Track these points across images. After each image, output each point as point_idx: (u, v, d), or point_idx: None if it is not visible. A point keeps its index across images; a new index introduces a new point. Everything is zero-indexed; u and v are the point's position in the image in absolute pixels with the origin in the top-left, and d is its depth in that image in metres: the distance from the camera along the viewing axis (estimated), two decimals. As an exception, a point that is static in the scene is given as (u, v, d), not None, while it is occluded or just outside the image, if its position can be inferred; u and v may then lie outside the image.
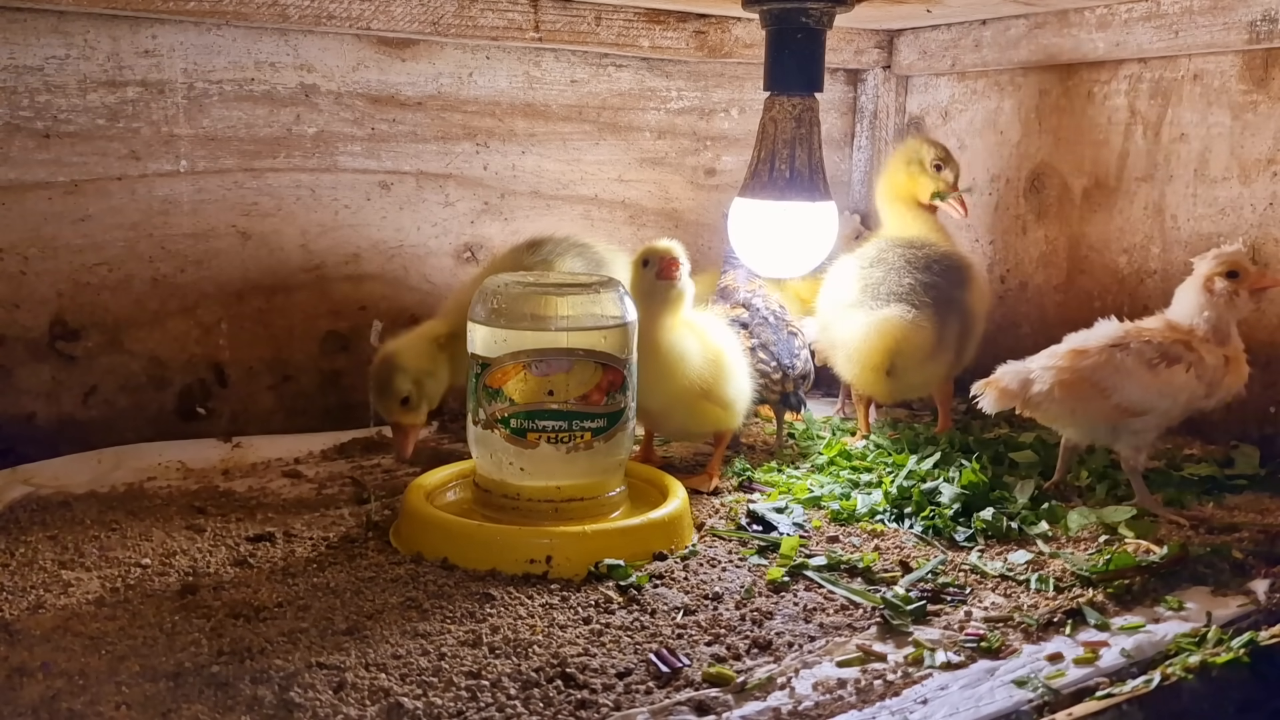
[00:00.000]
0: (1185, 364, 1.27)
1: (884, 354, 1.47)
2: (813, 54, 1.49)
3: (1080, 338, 1.33)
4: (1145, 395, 1.27)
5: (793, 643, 0.98)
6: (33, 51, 1.42)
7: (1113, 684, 0.93)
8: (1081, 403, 1.28)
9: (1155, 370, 1.27)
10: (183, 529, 1.22)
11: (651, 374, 1.30)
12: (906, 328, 1.47)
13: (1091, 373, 1.28)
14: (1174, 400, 1.27)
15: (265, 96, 1.56)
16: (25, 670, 0.89)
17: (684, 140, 1.91)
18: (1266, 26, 1.46)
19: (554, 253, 1.51)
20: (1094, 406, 1.28)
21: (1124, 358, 1.28)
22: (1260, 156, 1.53)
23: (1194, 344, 1.29)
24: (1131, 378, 1.27)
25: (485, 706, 0.86)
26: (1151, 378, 1.27)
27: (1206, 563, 1.15)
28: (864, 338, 1.48)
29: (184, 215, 1.54)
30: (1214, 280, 1.30)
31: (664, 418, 1.41)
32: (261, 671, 0.89)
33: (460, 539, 1.14)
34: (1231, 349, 1.31)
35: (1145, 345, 1.28)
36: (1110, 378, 1.27)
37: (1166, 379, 1.27)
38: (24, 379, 1.47)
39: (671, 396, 1.35)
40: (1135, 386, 1.27)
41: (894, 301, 1.50)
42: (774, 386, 1.49)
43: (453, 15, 1.59)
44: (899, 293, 1.50)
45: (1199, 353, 1.28)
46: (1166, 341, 1.29)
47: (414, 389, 1.38)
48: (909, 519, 1.29)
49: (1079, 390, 1.28)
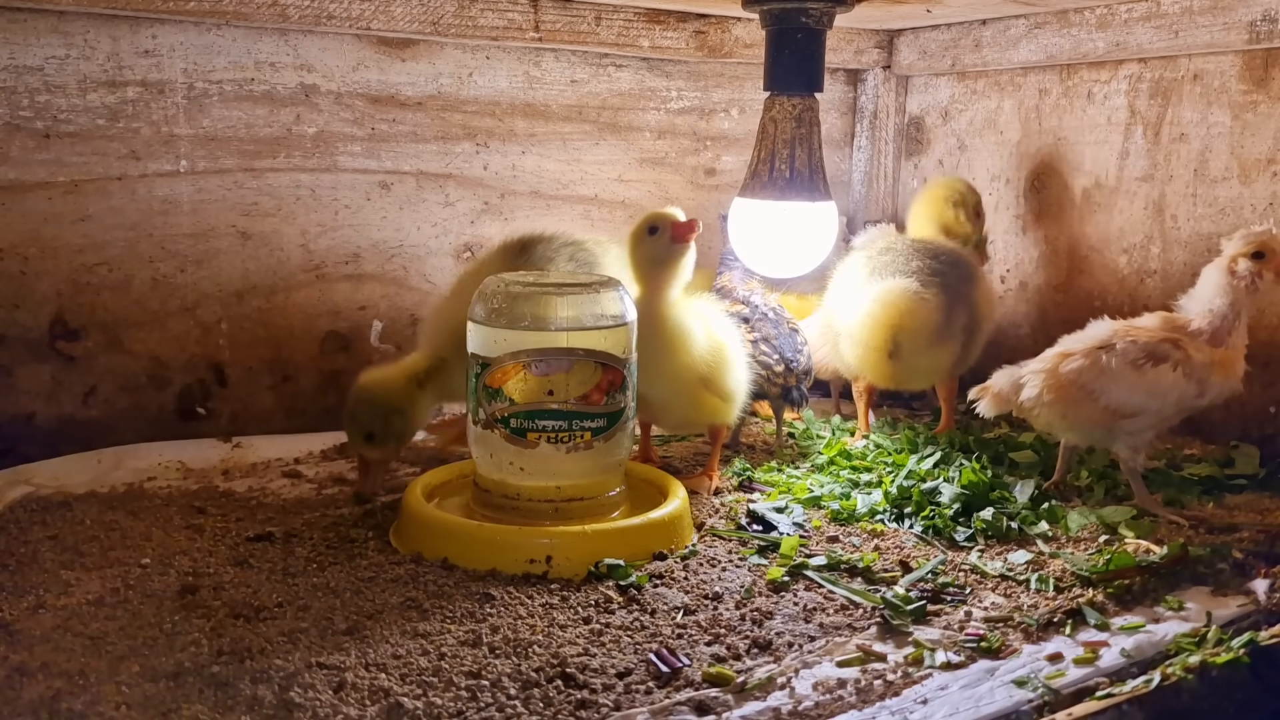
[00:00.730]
0: (1172, 363, 1.26)
1: (888, 328, 1.47)
2: (813, 54, 1.49)
3: (1071, 340, 1.33)
4: (1133, 396, 1.26)
5: (793, 643, 0.98)
6: (33, 51, 1.42)
7: (1113, 684, 0.93)
8: (1071, 406, 1.28)
9: (1141, 370, 1.26)
10: (183, 529, 1.22)
11: (654, 351, 1.29)
12: (912, 299, 1.48)
13: (1078, 375, 1.27)
14: (1164, 400, 1.27)
15: (265, 96, 1.56)
16: (25, 670, 0.89)
17: (684, 140, 1.91)
18: (1266, 26, 1.46)
19: (544, 256, 1.45)
20: (1084, 410, 1.28)
21: (1109, 359, 1.27)
22: (1260, 156, 1.53)
23: (1182, 343, 1.28)
24: (1118, 379, 1.26)
25: (485, 706, 0.86)
26: (1138, 378, 1.26)
27: (1206, 563, 1.15)
28: (868, 311, 1.49)
29: (184, 215, 1.54)
30: (1237, 261, 1.29)
31: (663, 408, 1.40)
32: (261, 671, 0.89)
33: (460, 539, 1.14)
34: (1232, 345, 1.29)
35: (1130, 345, 1.27)
36: (1096, 380, 1.27)
37: (1154, 379, 1.26)
38: (24, 379, 1.47)
39: (673, 378, 1.33)
40: (1122, 388, 1.26)
41: (900, 276, 1.51)
42: (776, 380, 1.49)
43: (453, 15, 1.59)
44: (906, 271, 1.52)
45: (1186, 351, 1.27)
46: (1153, 341, 1.28)
47: (380, 426, 1.31)
48: (909, 519, 1.29)
49: (1067, 394, 1.28)
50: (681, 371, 1.33)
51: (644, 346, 1.24)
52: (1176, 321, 1.31)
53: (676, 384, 1.34)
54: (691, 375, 1.33)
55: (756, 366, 1.45)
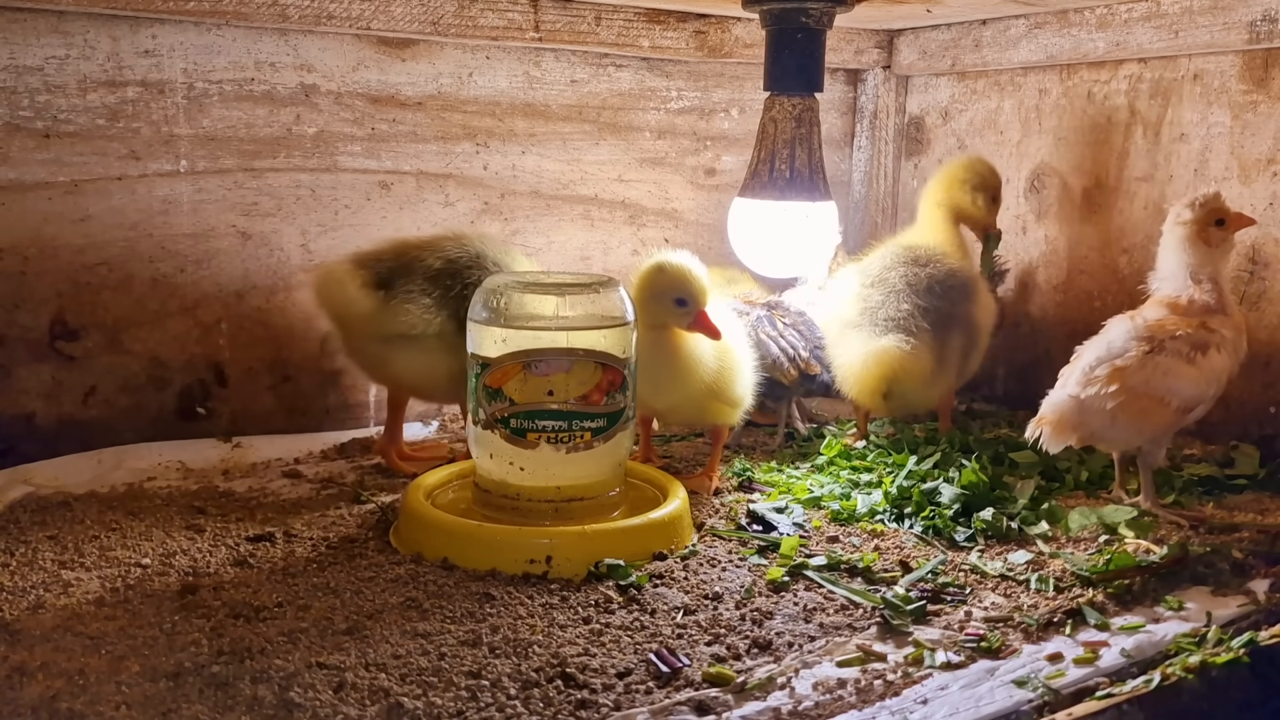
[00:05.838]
0: (1215, 346, 1.26)
1: (880, 381, 1.46)
2: (813, 54, 1.49)
3: (1100, 350, 1.27)
4: (1196, 389, 1.25)
5: (793, 643, 0.98)
6: (33, 51, 1.42)
7: (1113, 684, 0.93)
8: (1146, 419, 1.25)
9: (1195, 362, 1.25)
10: (183, 529, 1.22)
11: (667, 378, 1.30)
12: (904, 358, 1.44)
13: (1147, 386, 1.23)
14: (1219, 384, 1.27)
15: (265, 96, 1.56)
16: (25, 670, 0.89)
17: (684, 140, 1.91)
18: (1266, 26, 1.46)
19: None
20: (1158, 418, 1.25)
21: (1164, 359, 1.24)
22: (1260, 156, 1.53)
23: (1209, 323, 1.27)
24: (1182, 378, 1.24)
25: (485, 706, 0.86)
26: (1196, 371, 1.25)
27: (1206, 563, 1.15)
28: (861, 365, 1.47)
29: (184, 215, 1.54)
30: (1208, 231, 1.29)
31: (668, 413, 1.41)
32: (261, 671, 0.89)
33: (460, 539, 1.14)
34: (1233, 308, 1.30)
35: (1176, 340, 1.25)
36: (1163, 384, 1.24)
37: (1208, 367, 1.25)
38: (24, 379, 1.47)
39: (684, 398, 1.34)
40: (1187, 385, 1.24)
41: (892, 329, 1.47)
42: (800, 364, 1.51)
43: (453, 15, 1.59)
44: (897, 319, 1.47)
45: (1219, 331, 1.27)
46: (1191, 330, 1.26)
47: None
48: (909, 519, 1.29)
49: (1140, 407, 1.24)
50: (693, 394, 1.34)
51: (659, 372, 1.25)
52: (1178, 304, 1.30)
53: (686, 398, 1.35)
54: (702, 389, 1.34)
55: (786, 349, 1.48)
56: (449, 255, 1.40)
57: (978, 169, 1.63)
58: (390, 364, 1.40)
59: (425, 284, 1.37)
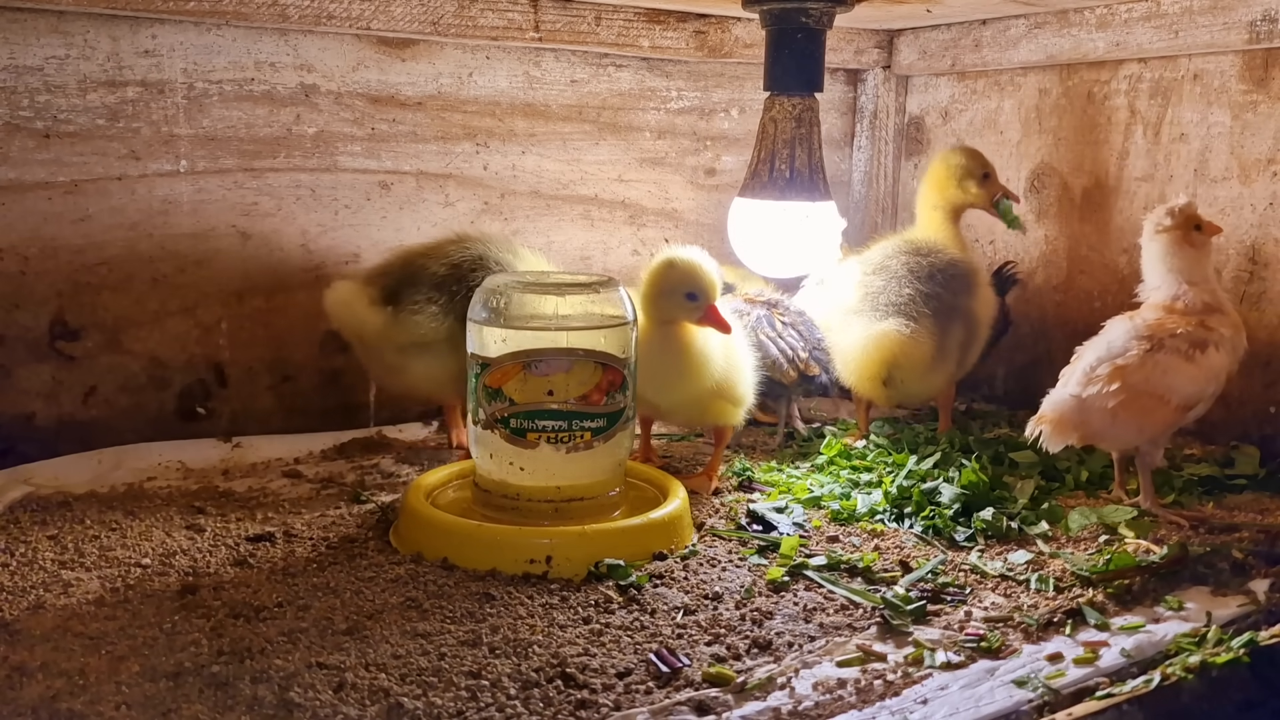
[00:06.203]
0: (1214, 344, 1.26)
1: (881, 365, 1.46)
2: (813, 54, 1.49)
3: (1100, 350, 1.28)
4: (1195, 387, 1.26)
5: (793, 643, 0.98)
6: (33, 51, 1.42)
7: (1113, 684, 0.93)
8: (1147, 417, 1.25)
9: (1195, 360, 1.25)
10: (183, 529, 1.22)
11: (676, 374, 1.30)
12: (904, 342, 1.44)
13: (1147, 384, 1.24)
14: (1218, 382, 1.27)
15: (265, 96, 1.56)
16: (25, 670, 0.89)
17: (684, 140, 1.91)
18: (1266, 26, 1.46)
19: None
20: (1158, 416, 1.25)
21: (1164, 357, 1.25)
22: (1260, 156, 1.53)
23: (1209, 322, 1.28)
24: (1181, 375, 1.25)
25: (485, 706, 0.86)
26: (1195, 369, 1.25)
27: (1206, 563, 1.15)
28: (862, 349, 1.47)
29: (184, 215, 1.54)
30: (1190, 235, 1.30)
31: (673, 412, 1.41)
32: (261, 671, 0.89)
33: (460, 539, 1.14)
34: (1227, 307, 1.31)
35: (1175, 339, 1.26)
36: (1163, 382, 1.24)
37: (1207, 365, 1.26)
38: (24, 379, 1.47)
39: (692, 395, 1.34)
40: (1186, 383, 1.25)
41: (892, 314, 1.47)
42: (799, 365, 1.50)
43: (453, 15, 1.59)
44: (898, 304, 1.48)
45: (1218, 330, 1.28)
46: (1190, 328, 1.27)
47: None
48: (909, 519, 1.29)
49: (1141, 405, 1.24)
50: (699, 393, 1.33)
51: (664, 363, 1.24)
52: (1175, 306, 1.31)
53: (693, 395, 1.34)
54: (709, 386, 1.34)
55: (786, 350, 1.47)
56: (452, 260, 1.41)
57: (954, 161, 1.64)
58: (408, 373, 1.43)
59: (431, 291, 1.39)
